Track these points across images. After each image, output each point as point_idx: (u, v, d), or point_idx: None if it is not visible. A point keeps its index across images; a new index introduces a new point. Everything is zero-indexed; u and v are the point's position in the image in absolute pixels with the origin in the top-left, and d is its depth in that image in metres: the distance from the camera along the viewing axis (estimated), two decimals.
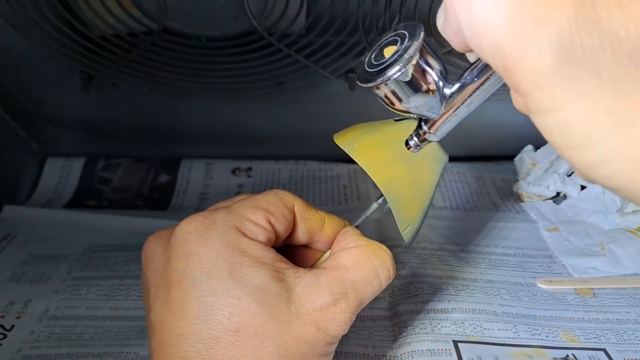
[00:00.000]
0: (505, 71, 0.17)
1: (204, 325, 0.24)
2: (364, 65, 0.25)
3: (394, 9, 0.40)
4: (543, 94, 0.16)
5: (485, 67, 0.23)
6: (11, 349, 0.37)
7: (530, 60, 0.16)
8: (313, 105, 0.55)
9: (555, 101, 0.16)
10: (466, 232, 0.49)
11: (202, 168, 0.60)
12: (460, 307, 0.39)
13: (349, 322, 0.26)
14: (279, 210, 0.28)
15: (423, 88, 0.23)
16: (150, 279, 0.28)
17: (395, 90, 0.23)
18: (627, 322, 0.39)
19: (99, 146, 0.60)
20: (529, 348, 0.36)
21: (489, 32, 0.16)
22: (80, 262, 0.46)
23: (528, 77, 0.16)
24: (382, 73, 0.23)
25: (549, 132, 0.17)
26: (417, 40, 0.22)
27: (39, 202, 0.55)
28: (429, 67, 0.23)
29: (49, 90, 0.53)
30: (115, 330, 0.39)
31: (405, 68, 0.22)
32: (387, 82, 0.23)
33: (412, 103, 0.24)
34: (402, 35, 0.23)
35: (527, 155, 0.55)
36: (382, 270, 0.27)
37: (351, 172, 0.59)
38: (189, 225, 0.26)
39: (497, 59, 0.17)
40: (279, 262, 0.26)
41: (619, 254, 0.45)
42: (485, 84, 0.23)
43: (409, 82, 0.23)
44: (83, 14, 0.42)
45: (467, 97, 0.24)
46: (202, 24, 0.43)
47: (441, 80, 0.24)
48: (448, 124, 0.26)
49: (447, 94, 0.24)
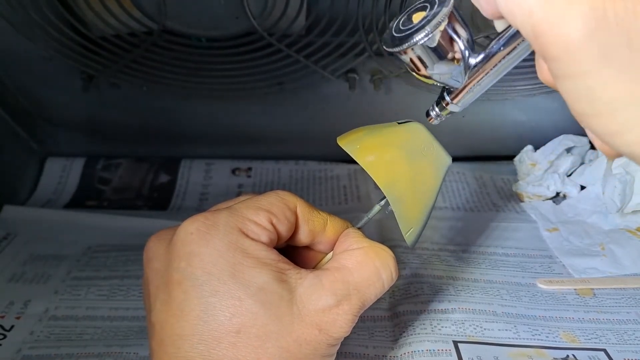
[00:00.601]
0: (535, 37, 0.17)
1: (205, 326, 0.24)
2: (391, 30, 0.24)
3: (394, 9, 0.40)
4: (572, 58, 0.16)
5: (512, 37, 0.23)
6: (11, 349, 0.37)
7: (562, 27, 0.16)
8: (313, 105, 0.55)
9: (584, 66, 0.16)
10: (466, 233, 0.49)
11: (202, 168, 0.60)
12: (460, 307, 0.39)
13: (351, 324, 0.26)
14: (281, 211, 0.28)
15: (449, 56, 0.23)
16: (151, 279, 0.28)
17: (420, 56, 0.23)
18: (627, 323, 0.39)
19: (99, 146, 0.60)
20: (529, 348, 0.36)
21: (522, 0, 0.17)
22: (80, 262, 0.46)
23: (558, 43, 0.16)
24: (409, 38, 0.23)
25: (575, 98, 0.17)
26: (447, 6, 0.22)
27: (39, 202, 0.55)
28: (456, 35, 0.23)
29: (49, 90, 0.52)
30: (115, 330, 0.39)
31: (432, 34, 0.22)
32: (414, 47, 0.23)
33: (436, 70, 0.24)
34: (432, 1, 0.23)
35: (527, 155, 0.55)
36: (385, 272, 0.27)
37: (351, 172, 0.59)
38: (191, 225, 0.26)
39: (527, 26, 0.17)
40: (281, 263, 0.26)
41: (619, 254, 0.45)
42: (510, 54, 0.23)
43: (435, 49, 0.23)
44: (83, 14, 0.42)
45: (492, 67, 0.24)
46: (202, 24, 0.43)
47: (467, 50, 0.24)
48: (471, 94, 0.25)
49: (472, 63, 0.24)
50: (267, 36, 0.43)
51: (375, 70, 0.50)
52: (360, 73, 0.50)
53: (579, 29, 0.16)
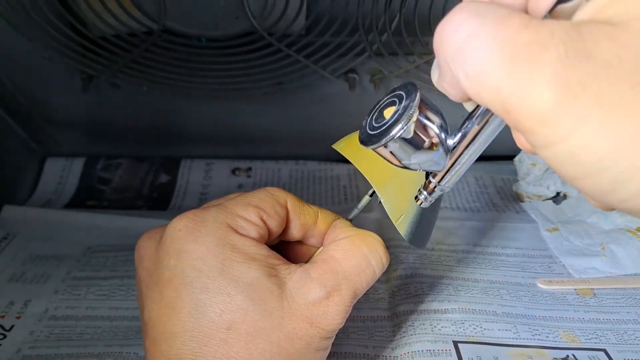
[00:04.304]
0: (506, 114, 0.17)
1: (196, 323, 0.24)
2: (365, 129, 0.26)
3: (394, 9, 0.40)
4: (546, 129, 0.16)
5: (485, 112, 0.23)
6: (11, 349, 0.37)
7: (529, 100, 0.16)
8: (313, 105, 0.55)
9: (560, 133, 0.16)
10: (466, 232, 0.49)
11: (202, 168, 0.60)
12: (460, 307, 0.39)
13: (344, 315, 0.26)
14: (271, 206, 0.28)
15: (426, 143, 0.24)
16: (142, 277, 0.28)
17: (399, 148, 0.24)
18: (627, 323, 0.39)
19: (99, 146, 0.60)
20: (529, 348, 0.36)
21: (486, 79, 0.16)
22: (80, 262, 0.46)
23: (529, 116, 0.16)
24: (385, 133, 0.24)
25: (559, 164, 0.17)
26: (415, 97, 0.24)
27: (39, 202, 0.55)
28: (430, 121, 0.24)
29: (49, 90, 0.53)
30: (114, 330, 0.39)
31: (407, 125, 0.23)
32: (391, 141, 0.24)
33: (417, 159, 0.25)
34: (399, 95, 0.24)
35: (527, 155, 0.55)
36: (374, 258, 0.27)
37: (351, 172, 0.59)
38: (180, 222, 0.26)
39: (496, 104, 0.17)
40: (271, 258, 0.26)
41: (619, 254, 0.45)
42: (486, 129, 0.24)
43: (412, 139, 0.24)
44: (83, 14, 0.42)
45: (470, 144, 0.24)
46: (202, 24, 0.43)
47: (443, 133, 0.24)
48: (455, 174, 0.26)
49: (450, 145, 0.25)
50: (267, 36, 0.43)
51: (375, 70, 0.50)
52: (360, 73, 0.50)
53: (547, 98, 0.15)
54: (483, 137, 0.24)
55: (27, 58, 0.48)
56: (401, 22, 0.41)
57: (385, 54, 0.45)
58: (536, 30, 0.16)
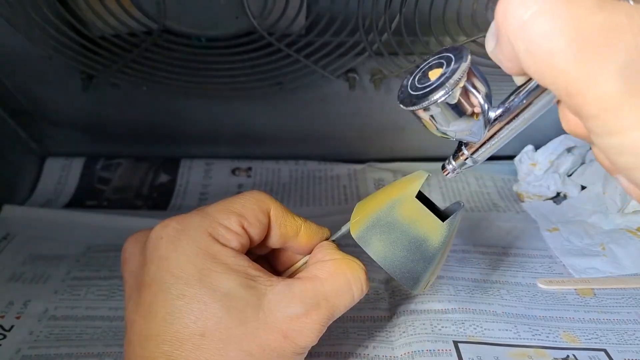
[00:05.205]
0: (568, 97, 0.16)
1: (170, 328, 0.25)
2: (407, 88, 0.24)
3: (394, 8, 0.40)
4: (611, 116, 0.16)
5: (535, 89, 0.22)
6: (10, 349, 0.37)
7: (598, 88, 0.15)
8: (313, 105, 0.55)
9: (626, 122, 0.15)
10: (466, 232, 0.49)
11: (202, 168, 0.60)
12: (460, 307, 0.39)
13: (318, 334, 0.26)
14: (254, 214, 0.28)
15: (468, 112, 0.23)
16: (126, 279, 0.29)
17: (440, 113, 0.23)
18: (627, 323, 0.39)
19: (99, 146, 0.60)
20: (530, 348, 0.36)
21: (552, 60, 0.16)
22: (80, 262, 0.46)
23: (595, 103, 0.16)
24: (429, 96, 0.23)
25: (617, 153, 0.17)
26: (465, 62, 0.22)
27: (39, 202, 0.55)
28: (476, 89, 0.23)
29: (49, 90, 0.52)
30: (114, 330, 0.39)
31: (452, 91, 0.22)
32: (434, 105, 0.23)
33: (455, 127, 0.24)
34: (448, 57, 0.23)
35: (527, 155, 0.55)
36: (355, 284, 0.28)
37: (351, 172, 0.59)
38: (162, 230, 0.27)
39: (559, 86, 0.16)
40: (251, 269, 0.27)
41: (620, 254, 0.45)
42: (533, 107, 0.23)
43: (455, 105, 0.23)
44: (83, 14, 0.42)
45: (512, 120, 0.23)
46: (202, 24, 0.43)
47: (487, 104, 0.23)
48: (490, 148, 0.25)
49: (491, 117, 0.24)
50: (267, 36, 0.43)
51: (375, 70, 0.50)
52: (360, 73, 0.50)
53: (617, 87, 0.15)
54: (527, 114, 0.23)
55: (27, 58, 0.48)
56: (401, 21, 0.41)
57: (385, 54, 0.45)
58: (611, 12, 0.15)
